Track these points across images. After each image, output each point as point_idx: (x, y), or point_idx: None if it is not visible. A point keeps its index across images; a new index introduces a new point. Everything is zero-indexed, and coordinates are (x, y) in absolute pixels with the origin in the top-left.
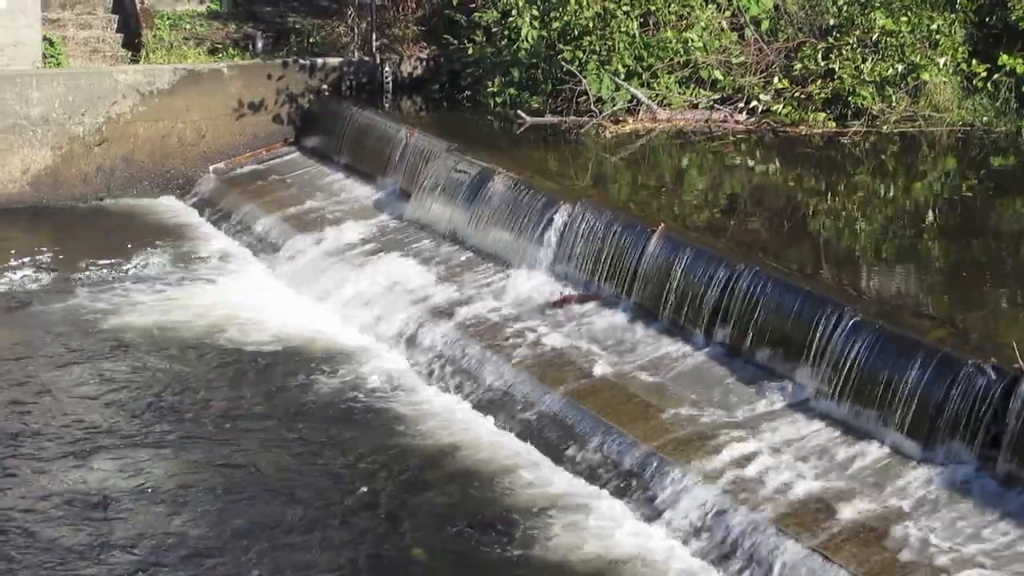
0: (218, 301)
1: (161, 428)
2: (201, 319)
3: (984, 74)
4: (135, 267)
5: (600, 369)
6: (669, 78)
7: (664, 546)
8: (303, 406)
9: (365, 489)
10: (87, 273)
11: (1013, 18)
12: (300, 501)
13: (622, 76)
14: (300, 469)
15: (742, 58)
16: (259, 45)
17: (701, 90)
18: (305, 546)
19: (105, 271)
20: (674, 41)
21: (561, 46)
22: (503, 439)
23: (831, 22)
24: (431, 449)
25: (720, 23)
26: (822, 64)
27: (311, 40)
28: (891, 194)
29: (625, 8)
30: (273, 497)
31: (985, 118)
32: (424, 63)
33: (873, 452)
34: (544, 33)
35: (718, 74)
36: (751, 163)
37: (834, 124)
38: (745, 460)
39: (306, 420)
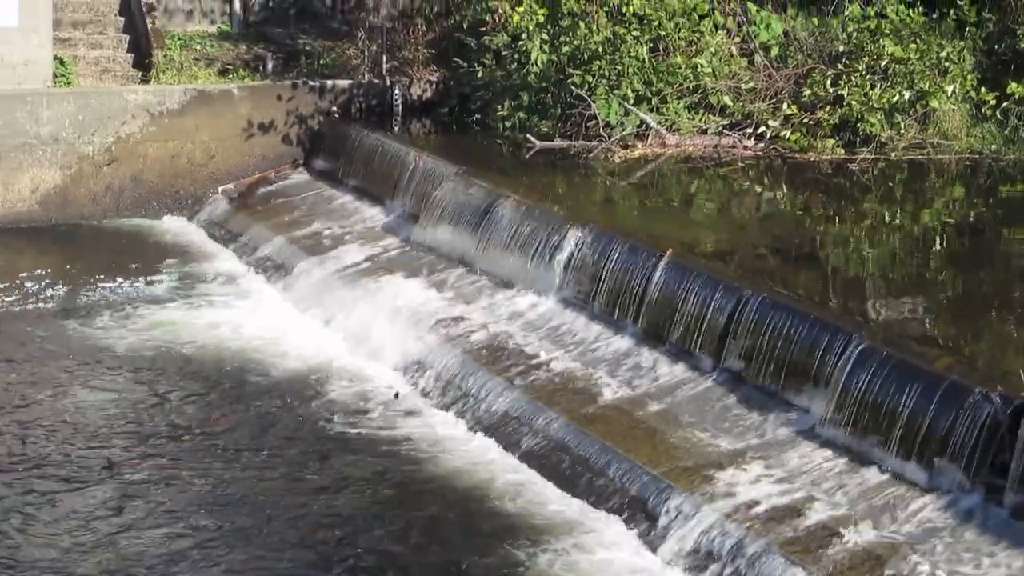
0: (224, 322)
1: (160, 447)
2: (207, 340)
3: (993, 102)
4: (142, 287)
5: (607, 394)
6: (678, 103)
7: (670, 573)
8: (307, 429)
9: (366, 510)
10: (94, 292)
11: (1022, 46)
12: (298, 528)
13: (631, 101)
14: (300, 493)
15: (751, 84)
16: (269, 66)
17: (710, 115)
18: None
19: (112, 291)
20: (684, 66)
21: (571, 70)
22: (508, 463)
23: (840, 49)
24: (434, 473)
25: (730, 49)
26: (831, 90)
27: (321, 62)
28: (899, 221)
29: (635, 33)
30: (271, 525)
31: (994, 146)
32: (434, 86)
33: (879, 479)
34: (554, 57)
35: (727, 100)
36: (759, 189)
37: (843, 151)
38: (751, 486)
39: (309, 444)
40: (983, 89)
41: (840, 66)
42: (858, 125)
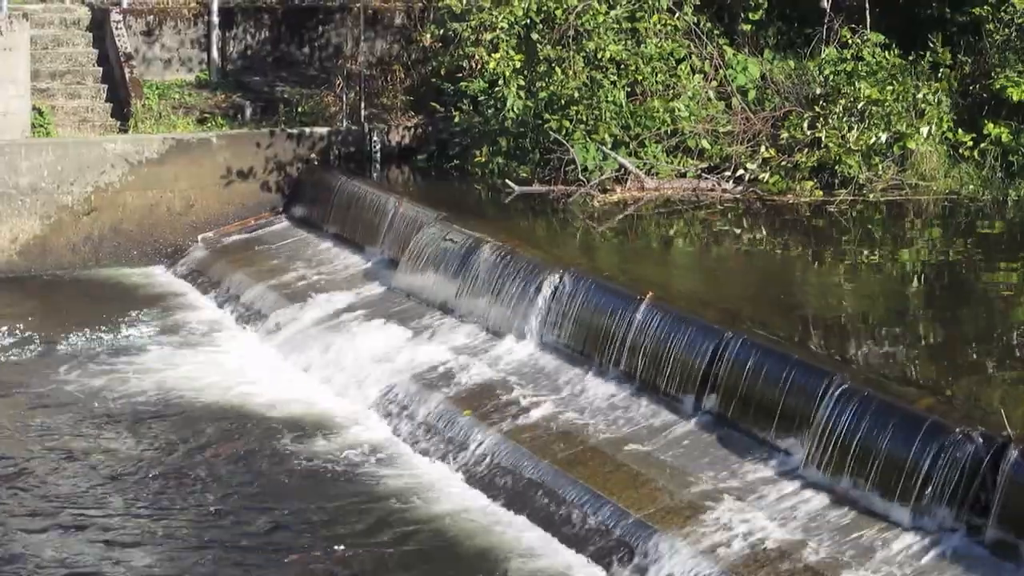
0: (205, 371)
1: (140, 499)
2: (187, 389)
3: (970, 143)
4: (122, 337)
5: (589, 438)
6: (656, 147)
7: None
8: (289, 477)
9: (348, 555)
10: (73, 344)
11: (997, 87)
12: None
13: (609, 145)
14: (280, 544)
15: (729, 127)
16: (248, 114)
17: (688, 159)
18: None
19: (92, 342)
20: (661, 110)
21: (548, 115)
22: (492, 508)
23: (817, 91)
24: (418, 519)
25: (707, 92)
26: (808, 133)
27: (300, 110)
28: (878, 262)
29: (612, 78)
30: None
31: (971, 186)
32: (412, 132)
33: (862, 520)
34: (531, 103)
35: (705, 143)
36: (738, 231)
37: (821, 193)
38: (734, 528)
39: (292, 491)
40: (959, 130)
41: (817, 108)
42: (836, 167)
